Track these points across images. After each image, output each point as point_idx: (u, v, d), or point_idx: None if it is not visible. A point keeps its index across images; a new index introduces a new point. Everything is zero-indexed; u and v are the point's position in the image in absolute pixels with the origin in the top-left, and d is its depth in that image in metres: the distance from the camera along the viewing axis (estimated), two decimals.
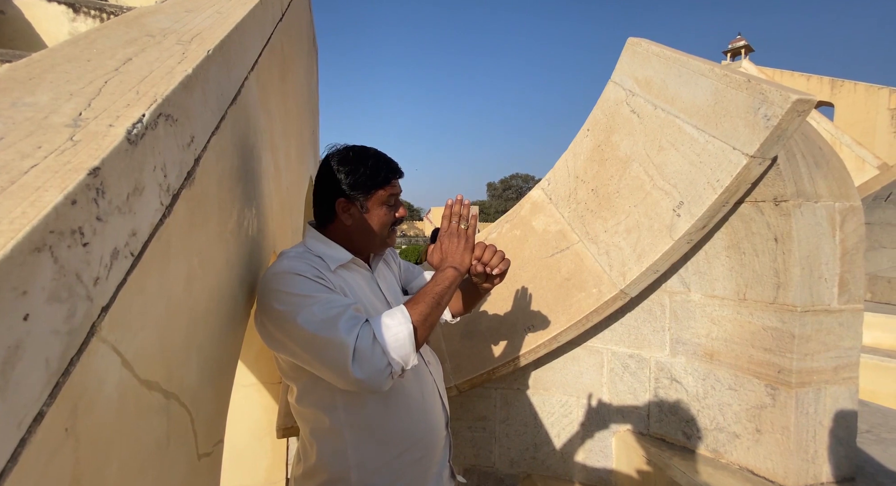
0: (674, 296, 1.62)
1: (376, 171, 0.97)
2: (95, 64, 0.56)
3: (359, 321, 0.80)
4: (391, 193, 0.99)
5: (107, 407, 0.39)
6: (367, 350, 0.77)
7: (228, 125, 0.80)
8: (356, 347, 0.76)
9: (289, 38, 1.72)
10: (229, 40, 0.81)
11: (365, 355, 0.76)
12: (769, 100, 1.17)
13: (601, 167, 1.71)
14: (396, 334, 0.80)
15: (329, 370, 0.79)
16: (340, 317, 0.79)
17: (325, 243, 0.98)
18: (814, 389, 1.36)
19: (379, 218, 0.98)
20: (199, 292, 0.63)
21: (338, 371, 0.77)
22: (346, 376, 0.76)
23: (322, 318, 0.78)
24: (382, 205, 0.98)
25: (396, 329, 0.80)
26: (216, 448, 0.74)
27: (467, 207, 1.02)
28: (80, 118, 0.44)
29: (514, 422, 1.85)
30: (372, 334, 0.79)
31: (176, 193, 0.55)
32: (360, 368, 0.76)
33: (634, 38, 1.69)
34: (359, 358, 0.76)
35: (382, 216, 0.99)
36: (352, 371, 0.75)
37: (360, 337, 0.77)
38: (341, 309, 0.81)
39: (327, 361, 0.77)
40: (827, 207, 1.39)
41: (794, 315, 1.35)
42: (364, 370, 0.76)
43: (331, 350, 0.76)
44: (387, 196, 0.98)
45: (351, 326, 0.78)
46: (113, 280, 0.40)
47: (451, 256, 0.97)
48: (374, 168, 0.97)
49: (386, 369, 0.78)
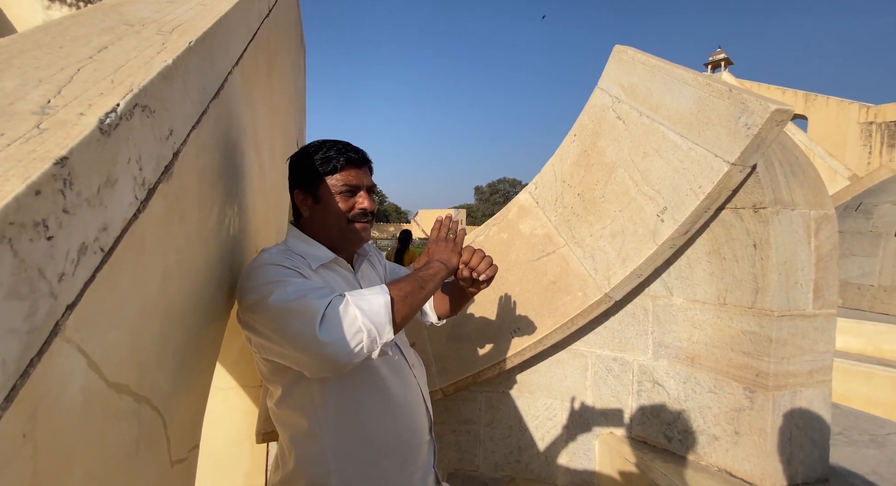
0: (657, 300, 1.64)
1: (326, 159, 0.95)
2: (68, 51, 0.54)
3: (332, 294, 0.77)
4: (344, 182, 0.96)
5: (70, 412, 0.37)
6: (338, 312, 0.73)
7: (211, 120, 0.78)
8: (326, 310, 0.72)
9: (276, 35, 1.70)
10: (213, 32, 0.79)
11: (335, 317, 0.72)
12: (749, 109, 1.19)
13: (587, 172, 1.73)
14: (371, 300, 0.77)
15: (295, 341, 0.72)
16: (313, 290, 0.76)
17: (307, 241, 0.97)
18: (790, 391, 1.40)
19: (332, 207, 0.96)
20: (176, 292, 0.61)
21: (304, 339, 0.70)
22: (312, 341, 0.70)
23: (294, 291, 0.75)
24: (336, 194, 0.96)
25: (372, 297, 0.78)
26: (191, 454, 0.71)
27: (456, 223, 1.04)
28: (49, 106, 0.42)
29: (498, 425, 1.85)
30: (346, 299, 0.76)
31: (152, 187, 0.53)
32: (328, 330, 0.70)
33: (621, 46, 1.72)
34: (328, 320, 0.71)
35: (336, 207, 0.96)
36: (318, 334, 0.69)
37: (331, 303, 0.74)
38: (316, 287, 0.79)
39: (293, 329, 0.71)
40: (803, 214, 1.43)
41: (772, 320, 1.38)
42: (332, 333, 0.70)
43: (298, 317, 0.72)
44: (339, 185, 0.96)
45: (323, 294, 0.76)
46: (80, 277, 0.38)
47: (439, 254, 0.98)
48: (324, 157, 0.96)
49: (357, 336, 0.72)
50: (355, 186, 0.97)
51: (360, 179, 0.98)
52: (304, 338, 0.71)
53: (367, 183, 1.00)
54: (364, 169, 1.01)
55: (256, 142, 1.28)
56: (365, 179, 1.00)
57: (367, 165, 1.02)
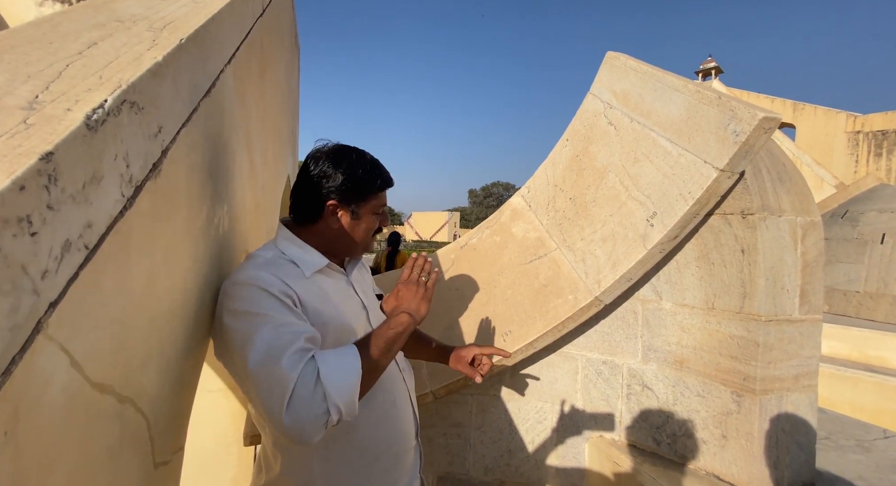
0: (646, 304, 1.65)
1: (373, 176, 0.93)
2: (58, 47, 0.53)
3: (304, 357, 0.73)
4: (382, 204, 0.97)
5: (52, 411, 0.36)
6: (307, 393, 0.70)
7: (201, 118, 0.78)
8: (295, 388, 0.70)
9: (269, 35, 1.69)
10: (205, 30, 0.78)
11: (303, 398, 0.70)
12: (738, 116, 1.22)
13: (579, 177, 1.75)
14: (344, 378, 0.74)
15: (261, 407, 0.72)
16: (287, 348, 0.72)
17: (300, 245, 0.92)
18: (776, 396, 1.41)
19: (368, 226, 0.95)
20: (163, 291, 0.60)
21: (269, 412, 0.70)
22: (277, 420, 0.69)
23: (269, 346, 0.72)
24: (374, 214, 0.96)
25: (345, 374, 0.75)
26: (175, 457, 0.70)
27: (430, 264, 1.00)
28: (37, 101, 0.41)
29: (489, 429, 1.85)
30: (316, 373, 0.72)
31: (139, 184, 0.52)
32: (294, 413, 0.69)
33: (613, 52, 1.74)
34: (295, 402, 0.69)
35: (371, 225, 0.96)
36: (284, 417, 0.69)
37: (301, 376, 0.71)
38: (291, 337, 0.74)
39: (262, 397, 0.71)
40: (790, 221, 1.46)
41: (759, 324, 1.40)
42: (296, 416, 0.69)
43: (268, 386, 0.70)
44: (378, 206, 0.96)
45: (295, 361, 0.72)
46: (63, 274, 0.37)
47: (408, 302, 0.92)
48: (371, 173, 0.93)
49: (322, 417, 0.71)
50: (384, 207, 0.99)
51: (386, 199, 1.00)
52: (269, 413, 0.70)
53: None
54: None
55: (248, 142, 1.27)
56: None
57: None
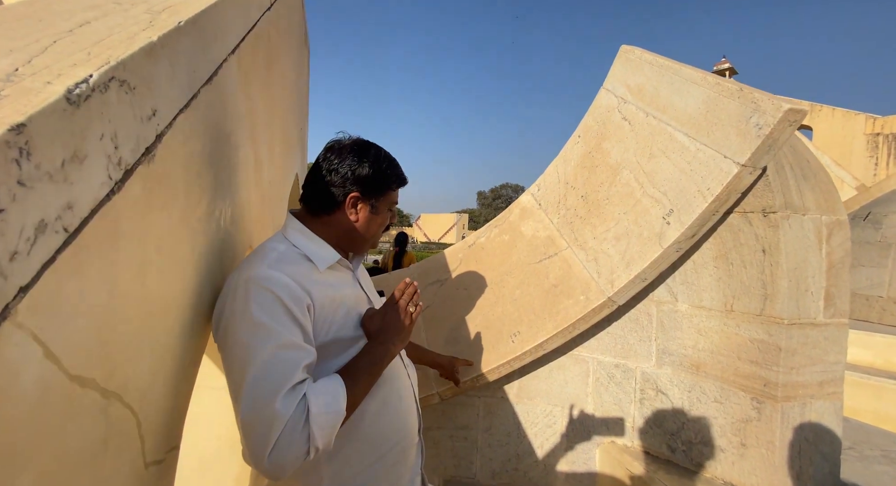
0: (661, 305, 1.60)
1: (394, 172, 0.96)
2: (47, 24, 0.51)
3: (298, 396, 0.73)
4: (395, 200, 0.98)
5: (21, 405, 0.33)
6: (294, 437, 0.71)
7: (202, 105, 0.75)
8: (283, 431, 0.70)
9: (277, 31, 1.68)
10: (206, 16, 0.76)
11: (289, 441, 0.70)
12: (761, 109, 1.16)
13: (591, 174, 1.70)
14: (330, 421, 0.75)
15: (245, 440, 0.72)
16: (284, 385, 0.72)
17: (310, 237, 0.91)
18: (799, 403, 1.35)
19: (382, 220, 0.97)
20: (156, 282, 0.57)
21: (252, 449, 0.71)
22: (257, 459, 0.70)
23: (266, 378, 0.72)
24: (388, 210, 0.97)
25: (331, 416, 0.75)
26: (169, 455, 0.67)
27: (418, 296, 0.99)
28: (16, 74, 0.39)
29: (496, 432, 1.80)
30: (305, 416, 0.72)
31: (130, 168, 0.49)
32: (277, 456, 0.70)
33: (627, 46, 1.69)
34: (280, 444, 0.70)
35: (384, 219, 0.97)
36: (266, 458, 0.69)
37: (292, 419, 0.71)
38: (291, 367, 0.74)
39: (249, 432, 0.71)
40: (814, 220, 1.39)
41: (781, 328, 1.34)
42: (278, 459, 0.70)
43: (257, 424, 0.70)
44: (392, 201, 0.98)
45: (289, 402, 0.72)
46: (37, 257, 0.35)
47: (395, 334, 0.91)
48: (393, 168, 0.96)
49: (302, 457, 0.72)
50: (396, 204, 1.00)
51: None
52: (252, 450, 0.71)
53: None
54: None
55: (253, 135, 1.25)
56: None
57: None
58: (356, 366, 0.85)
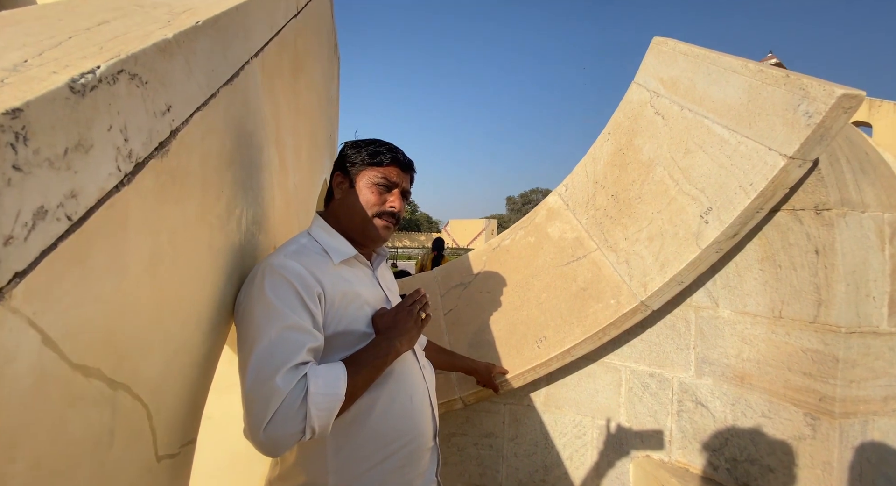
0: (700, 311, 1.49)
1: (376, 152, 0.98)
2: (66, 23, 0.52)
3: (298, 374, 0.75)
4: (384, 175, 0.98)
5: (14, 391, 0.33)
6: (290, 412, 0.73)
7: (221, 104, 0.76)
8: (280, 405, 0.72)
9: (304, 37, 1.72)
10: (226, 17, 0.78)
11: (284, 416, 0.72)
12: (811, 95, 1.06)
13: (622, 172, 1.62)
14: (328, 403, 0.76)
15: (245, 413, 0.75)
16: (286, 363, 0.75)
17: (330, 233, 0.97)
18: (860, 420, 1.21)
19: (365, 198, 0.97)
20: (169, 275, 0.58)
21: (250, 422, 0.74)
22: (254, 432, 0.73)
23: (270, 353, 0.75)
24: (371, 185, 0.97)
25: (329, 399, 0.77)
26: (185, 450, 0.67)
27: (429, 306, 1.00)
28: (24, 64, 0.39)
29: (523, 441, 1.74)
30: (304, 394, 0.74)
31: (141, 161, 0.50)
32: (272, 430, 0.72)
33: (660, 37, 1.61)
34: (276, 419, 0.72)
35: (369, 197, 0.97)
36: (261, 432, 0.72)
37: (290, 395, 0.73)
38: (294, 347, 0.77)
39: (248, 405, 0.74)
40: (875, 217, 1.26)
41: (838, 337, 1.21)
42: (273, 433, 0.72)
43: (256, 398, 0.73)
44: (378, 177, 0.97)
45: (289, 379, 0.74)
46: (35, 243, 0.35)
47: (402, 334, 0.92)
48: (375, 150, 0.98)
49: (296, 435, 0.74)
50: (392, 184, 0.99)
51: (399, 179, 1.01)
52: (250, 423, 0.74)
53: (404, 185, 1.02)
54: (407, 174, 1.03)
55: (278, 138, 1.27)
56: (404, 182, 1.02)
57: (410, 171, 1.05)
58: (360, 356, 0.87)
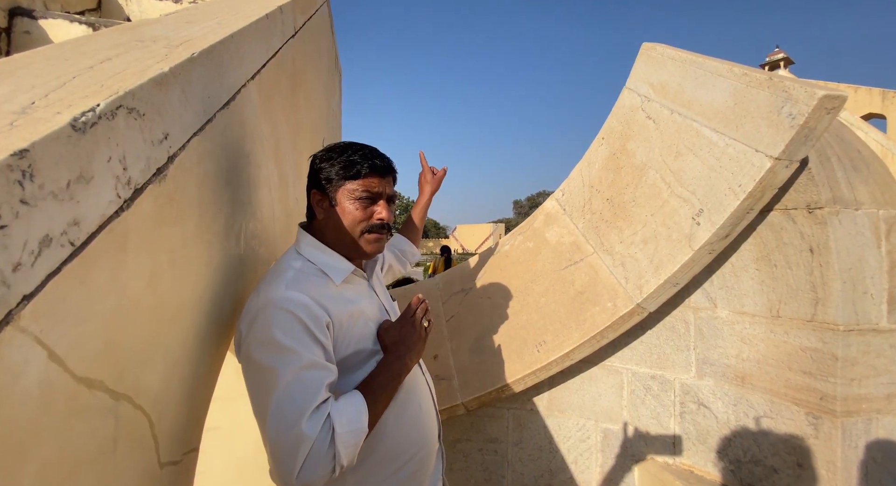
0: (698, 312, 1.50)
1: (350, 164, 0.92)
2: (72, 63, 0.57)
3: (323, 415, 0.75)
4: (365, 188, 0.92)
5: (23, 403, 0.37)
6: (321, 456, 0.73)
7: (217, 128, 0.81)
8: (310, 451, 0.72)
9: (302, 56, 1.78)
10: (222, 46, 0.82)
11: (316, 461, 0.72)
12: (793, 97, 1.08)
13: (616, 176, 1.64)
14: (354, 439, 0.77)
15: (272, 464, 0.74)
16: (308, 406, 0.74)
17: (323, 251, 0.93)
18: (863, 419, 1.20)
19: (349, 214, 0.92)
20: (168, 291, 0.62)
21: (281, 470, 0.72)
22: (286, 479, 0.72)
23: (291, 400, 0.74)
24: (354, 200, 0.92)
25: (354, 435, 0.77)
26: (187, 457, 0.71)
27: (430, 313, 0.99)
28: (31, 106, 0.44)
29: (527, 446, 1.74)
30: (331, 436, 0.74)
31: (139, 187, 0.54)
32: (305, 475, 0.72)
33: (649, 43, 1.64)
34: (308, 464, 0.72)
35: (353, 212, 0.92)
36: (294, 478, 0.71)
37: (318, 439, 0.73)
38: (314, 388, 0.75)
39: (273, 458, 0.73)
40: (869, 214, 1.26)
41: (837, 335, 1.21)
42: (307, 478, 0.72)
43: (285, 446, 0.72)
44: (359, 191, 0.91)
45: (315, 422, 0.73)
46: (41, 268, 0.38)
47: (410, 348, 0.92)
48: (348, 161, 0.92)
49: (328, 475, 0.74)
50: (376, 195, 0.93)
51: (382, 187, 0.94)
52: (281, 471, 0.73)
53: (388, 192, 0.96)
54: (388, 178, 0.97)
55: (277, 155, 1.32)
56: (387, 189, 0.96)
57: (391, 174, 0.98)
58: (375, 382, 0.86)
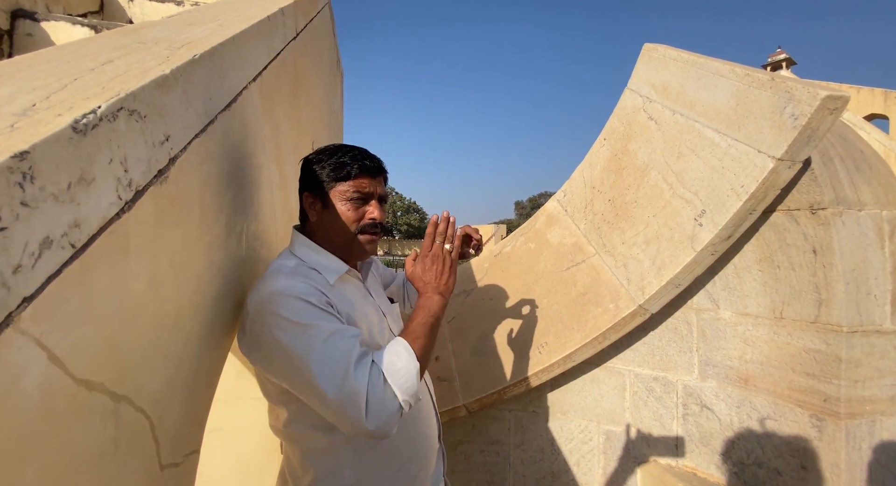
0: (701, 313, 1.49)
1: (340, 165, 0.93)
2: (73, 65, 0.57)
3: (367, 363, 0.77)
4: (356, 188, 0.92)
5: (23, 405, 0.37)
6: (380, 397, 0.75)
7: (219, 130, 0.81)
8: (368, 398, 0.74)
9: (304, 58, 1.78)
10: (223, 48, 0.82)
11: (377, 402, 0.75)
12: (796, 98, 1.07)
13: (618, 177, 1.64)
14: (406, 375, 0.79)
15: (340, 423, 0.76)
16: (350, 361, 0.76)
17: (317, 251, 0.93)
18: (867, 421, 1.20)
19: (341, 215, 0.92)
20: (169, 293, 0.62)
21: (351, 425, 0.75)
22: (361, 430, 0.74)
23: (333, 363, 0.75)
24: (345, 201, 0.92)
25: (405, 370, 0.79)
26: (188, 459, 0.71)
27: (453, 226, 0.96)
28: (33, 108, 0.44)
29: (529, 448, 1.74)
30: (382, 377, 0.77)
31: (141, 189, 0.54)
32: (374, 419, 0.74)
33: (650, 44, 1.63)
34: (372, 409, 0.74)
35: (345, 213, 0.92)
36: (366, 425, 0.74)
37: (371, 384, 0.75)
38: (348, 346, 0.77)
39: (338, 419, 0.76)
40: (873, 215, 1.26)
41: (840, 336, 1.21)
42: (377, 420, 0.74)
43: (342, 409, 0.74)
44: (350, 192, 0.92)
45: (361, 372, 0.76)
46: (42, 270, 0.38)
47: (437, 280, 0.92)
48: (338, 162, 0.93)
49: (397, 413, 0.77)
50: (367, 195, 0.94)
51: (372, 187, 0.95)
52: (351, 425, 0.75)
53: (379, 192, 0.97)
54: (378, 179, 0.98)
55: (278, 156, 1.32)
56: (378, 189, 0.97)
57: (382, 174, 0.99)
58: (413, 324, 0.88)
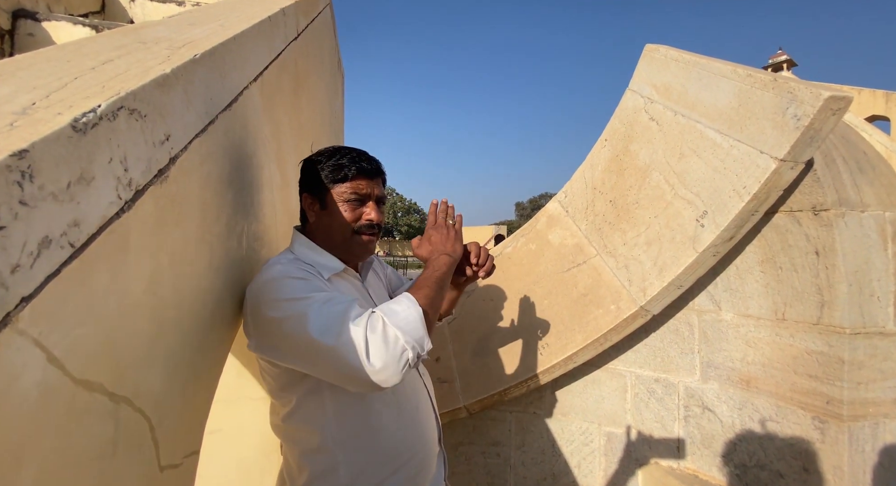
0: (703, 315, 1.49)
1: (338, 167, 0.95)
2: (74, 64, 0.57)
3: (365, 313, 0.77)
4: (353, 190, 0.95)
5: (21, 406, 0.36)
6: (380, 337, 0.74)
7: (220, 130, 0.81)
8: (367, 338, 0.73)
9: (305, 58, 1.78)
10: (224, 48, 0.82)
11: (378, 342, 0.73)
12: (798, 98, 1.07)
13: (619, 177, 1.63)
14: (407, 317, 0.78)
15: (345, 374, 0.75)
16: (347, 314, 0.76)
17: (314, 249, 0.96)
18: (870, 423, 1.19)
19: (339, 216, 0.94)
20: (169, 293, 0.61)
21: (356, 371, 0.73)
22: (364, 375, 0.72)
23: (328, 319, 0.75)
24: (343, 202, 0.94)
25: (406, 313, 0.78)
26: (188, 460, 0.70)
27: (452, 209, 1.03)
28: (32, 107, 0.44)
29: (530, 449, 1.73)
30: (382, 320, 0.76)
31: (141, 189, 0.54)
32: (377, 358, 0.72)
33: (652, 44, 1.63)
34: (373, 349, 0.73)
35: (343, 214, 0.94)
36: (369, 365, 0.72)
37: (369, 327, 0.74)
38: (344, 306, 0.78)
39: (342, 366, 0.73)
40: (876, 216, 1.25)
41: (843, 338, 1.20)
42: (381, 359, 0.72)
43: (344, 354, 0.73)
44: (348, 193, 0.94)
45: (359, 319, 0.75)
46: (41, 270, 0.38)
47: (443, 245, 0.96)
48: (336, 164, 0.95)
49: (403, 355, 0.74)
50: (365, 196, 0.96)
51: (370, 189, 0.97)
52: (355, 370, 0.73)
53: (377, 194, 0.99)
54: (376, 180, 1.00)
55: (279, 156, 1.32)
56: (375, 190, 0.99)
57: (379, 176, 1.01)
58: (419, 279, 0.90)
